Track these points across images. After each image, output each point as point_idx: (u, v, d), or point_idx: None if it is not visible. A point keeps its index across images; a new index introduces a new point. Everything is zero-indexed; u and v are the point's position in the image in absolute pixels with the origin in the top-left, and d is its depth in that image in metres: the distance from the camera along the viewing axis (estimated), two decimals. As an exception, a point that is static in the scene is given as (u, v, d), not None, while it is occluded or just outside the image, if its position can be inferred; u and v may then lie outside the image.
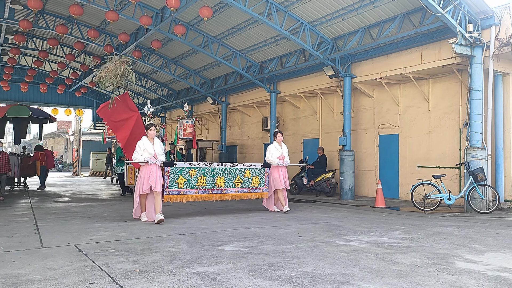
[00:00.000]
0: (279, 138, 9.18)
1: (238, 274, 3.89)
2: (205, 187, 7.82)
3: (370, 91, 13.70)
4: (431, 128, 12.02)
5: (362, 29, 11.94)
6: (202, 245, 5.24)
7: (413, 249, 5.09)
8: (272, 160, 9.03)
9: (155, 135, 7.54)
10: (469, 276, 3.88)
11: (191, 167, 7.67)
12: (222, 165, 8.13)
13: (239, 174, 8.36)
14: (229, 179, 8.19)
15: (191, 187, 7.66)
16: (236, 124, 21.00)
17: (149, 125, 7.51)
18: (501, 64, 10.06)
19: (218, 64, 17.46)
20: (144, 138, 7.41)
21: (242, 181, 8.41)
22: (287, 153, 9.27)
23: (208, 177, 7.85)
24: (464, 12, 9.52)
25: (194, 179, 7.69)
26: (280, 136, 9.20)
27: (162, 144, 7.66)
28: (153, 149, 7.30)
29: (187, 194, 7.63)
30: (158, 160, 7.28)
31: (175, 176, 7.50)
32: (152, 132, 7.44)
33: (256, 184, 8.68)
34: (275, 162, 9.00)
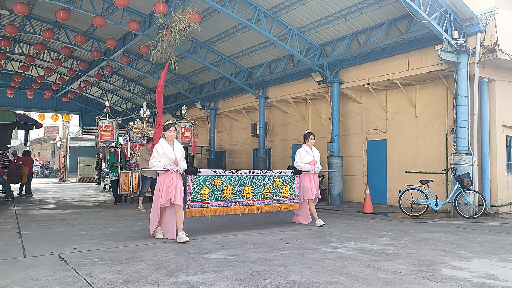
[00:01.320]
0: (311, 141, 8.09)
1: (223, 284, 3.84)
2: (231, 199, 6.81)
3: (358, 97, 13.78)
4: (418, 134, 12.12)
5: (349, 36, 12.02)
6: (188, 253, 5.18)
7: (400, 256, 5.09)
8: (302, 166, 7.90)
9: (175, 137, 6.33)
10: (455, 284, 3.88)
11: (217, 175, 6.62)
12: (250, 172, 7.09)
13: (268, 183, 7.30)
14: (257, 188, 7.13)
15: (215, 198, 6.63)
16: (225, 130, 20.96)
17: (168, 125, 6.24)
18: (486, 71, 10.19)
19: (207, 70, 17.44)
20: (162, 141, 6.19)
21: (272, 190, 7.35)
22: (319, 158, 8.19)
23: (234, 186, 6.82)
24: (450, 19, 9.64)
25: (219, 190, 6.65)
26: (312, 138, 8.11)
27: (183, 148, 6.51)
28: (173, 154, 6.11)
29: (211, 207, 6.59)
30: (179, 167, 6.11)
31: (198, 186, 6.45)
32: (172, 133, 6.21)
33: (286, 194, 7.60)
34: (306, 168, 7.88)
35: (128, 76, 21.23)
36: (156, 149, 6.11)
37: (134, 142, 12.69)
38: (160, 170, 6.06)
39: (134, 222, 8.06)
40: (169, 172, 6.01)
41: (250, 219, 8.64)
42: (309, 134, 8.14)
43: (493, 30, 9.61)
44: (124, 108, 26.32)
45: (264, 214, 7.97)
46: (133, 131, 12.68)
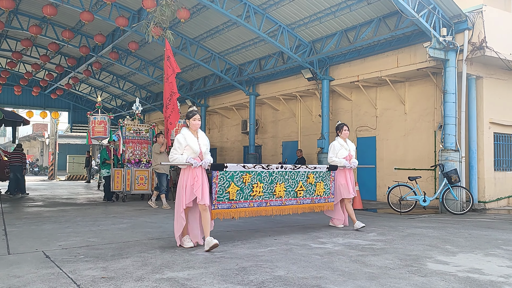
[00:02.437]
0: (345, 132, 7.21)
1: (209, 279, 3.82)
2: (261, 198, 5.98)
3: (348, 94, 13.82)
4: (407, 131, 12.18)
5: (339, 32, 12.03)
6: (175, 250, 5.14)
7: (387, 251, 5.11)
8: (338, 161, 7.03)
9: (199, 126, 5.47)
10: (440, 278, 3.90)
11: (245, 170, 5.78)
12: (282, 167, 6.30)
13: (301, 179, 6.48)
14: (289, 186, 6.33)
15: (244, 198, 5.80)
16: (216, 127, 20.90)
17: (192, 113, 5.39)
18: (474, 68, 10.27)
19: (197, 67, 17.35)
20: (185, 131, 5.33)
21: (305, 188, 6.54)
22: (354, 152, 7.35)
23: (265, 184, 5.99)
24: (438, 16, 9.69)
25: (249, 187, 5.82)
26: (347, 130, 7.24)
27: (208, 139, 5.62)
28: (198, 145, 5.27)
29: (240, 208, 5.74)
30: (204, 161, 5.27)
31: (225, 184, 5.57)
32: (197, 122, 5.36)
33: (320, 193, 6.77)
34: (342, 163, 7.01)
35: (118, 73, 21.05)
36: (178, 140, 5.25)
37: (126, 138, 12.54)
38: (182, 165, 5.24)
39: (122, 219, 8.00)
40: (193, 167, 5.18)
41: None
42: (342, 125, 7.27)
43: (480, 28, 9.68)
44: (114, 105, 26.10)
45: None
46: (125, 127, 12.56)
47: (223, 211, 5.60)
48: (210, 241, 5.03)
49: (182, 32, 14.58)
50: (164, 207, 10.01)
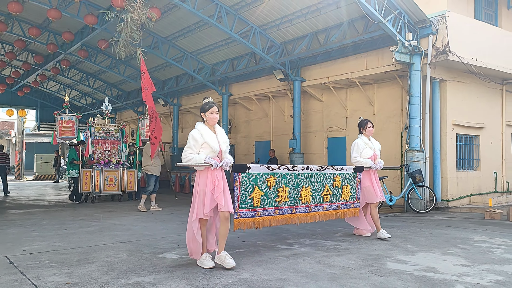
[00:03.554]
0: (370, 129, 6.48)
1: (174, 283, 3.87)
2: (287, 204, 5.32)
3: (319, 95, 14.05)
4: (375, 131, 12.29)
5: (310, 35, 12.22)
6: (143, 254, 5.16)
7: (350, 251, 5.28)
8: (363, 161, 6.36)
9: (217, 120, 4.70)
10: (397, 277, 4.09)
11: (270, 172, 5.10)
12: (307, 168, 5.65)
13: (328, 182, 5.90)
14: (315, 190, 5.73)
15: (269, 204, 5.11)
16: (189, 126, 20.77)
17: (209, 105, 4.64)
18: (438, 71, 10.65)
19: (169, 66, 17.21)
20: (201, 126, 4.60)
21: (332, 192, 5.95)
22: (379, 151, 6.65)
23: (290, 188, 5.36)
24: (404, 21, 9.99)
25: (273, 192, 5.14)
26: (371, 127, 6.51)
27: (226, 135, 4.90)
28: (217, 143, 4.56)
29: (264, 216, 5.05)
30: (225, 162, 4.54)
31: (248, 188, 4.86)
32: (215, 115, 4.61)
33: (347, 197, 6.18)
34: (368, 164, 6.36)
35: (87, 71, 20.62)
36: (194, 136, 4.51)
37: (95, 138, 12.33)
38: (199, 166, 4.47)
39: (90, 222, 7.90)
40: (212, 168, 4.44)
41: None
42: (366, 122, 6.50)
43: (444, 33, 10.04)
44: (84, 103, 25.56)
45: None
46: (94, 127, 12.35)
47: (246, 220, 4.88)
48: (226, 260, 4.37)
49: (154, 31, 14.42)
50: (152, 208, 9.82)
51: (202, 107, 4.68)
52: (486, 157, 12.07)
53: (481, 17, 12.09)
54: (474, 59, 10.56)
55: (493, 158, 12.29)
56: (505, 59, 11.54)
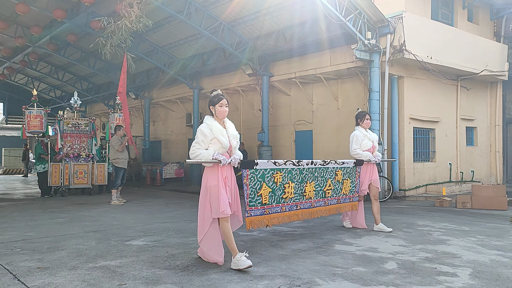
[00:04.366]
0: (367, 121, 6.37)
1: (138, 266, 4.24)
2: (292, 200, 5.18)
3: (287, 90, 14.52)
4: (340, 125, 13.08)
5: (277, 31, 12.63)
6: (110, 241, 5.49)
7: (304, 236, 5.77)
8: (363, 154, 6.23)
9: (227, 114, 4.44)
10: (340, 256, 4.59)
11: (276, 168, 4.95)
12: (312, 163, 5.51)
13: (330, 177, 5.80)
14: (318, 185, 5.62)
15: (276, 201, 4.96)
16: (160, 119, 20.94)
17: (218, 97, 4.38)
18: (395, 69, 11.27)
19: (140, 59, 17.26)
20: (210, 120, 4.35)
21: (333, 187, 5.87)
22: (377, 143, 6.58)
23: (296, 183, 5.23)
24: (364, 21, 10.53)
25: (280, 188, 4.99)
26: (369, 119, 6.41)
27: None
28: (227, 138, 4.32)
29: (272, 214, 4.88)
30: (233, 158, 4.34)
31: (257, 185, 4.70)
32: (224, 108, 4.37)
33: (346, 191, 6.11)
34: (367, 157, 6.25)
35: (56, 63, 20.41)
36: (202, 131, 4.25)
37: (64, 132, 12.41)
38: (207, 163, 4.24)
39: (60, 214, 8.12)
40: (221, 165, 4.22)
41: (179, 208, 9.01)
42: (364, 114, 6.42)
43: (401, 32, 10.65)
44: (53, 96, 25.23)
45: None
46: (63, 121, 12.42)
47: (256, 219, 4.70)
48: (245, 261, 4.07)
49: (124, 25, 14.50)
50: (114, 202, 9.83)
51: (210, 99, 4.39)
52: (442, 149, 12.85)
53: (437, 17, 12.79)
54: (429, 57, 11.23)
55: (448, 150, 13.09)
56: (459, 56, 12.27)
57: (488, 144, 14.61)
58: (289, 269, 4.09)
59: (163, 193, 12.96)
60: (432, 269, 4.08)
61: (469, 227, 6.48)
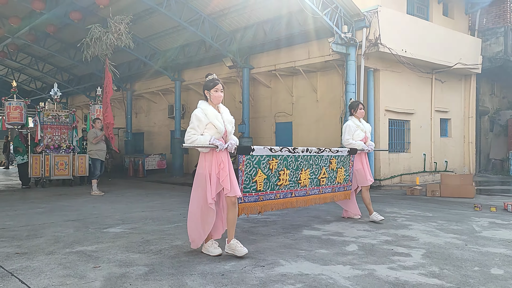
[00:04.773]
0: (361, 111, 6.36)
1: (113, 250, 4.45)
2: (287, 187, 5.14)
3: (267, 82, 14.73)
4: (319, 117, 13.38)
5: (256, 24, 12.81)
6: (88, 229, 5.67)
7: (276, 223, 6.04)
8: (356, 144, 6.25)
9: (222, 99, 4.38)
10: (306, 240, 4.88)
11: (272, 154, 4.88)
12: (307, 151, 5.45)
13: (324, 165, 5.74)
14: (313, 173, 5.57)
15: (271, 188, 4.91)
16: (143, 111, 20.95)
17: (213, 82, 4.30)
18: (371, 62, 11.58)
19: (121, 51, 17.24)
20: (205, 105, 4.29)
21: (328, 175, 5.82)
22: (370, 133, 6.57)
23: (291, 170, 5.17)
24: (341, 15, 10.78)
25: (275, 175, 4.94)
26: (362, 108, 6.39)
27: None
28: (223, 123, 4.26)
29: (266, 201, 4.86)
30: (230, 143, 4.28)
31: (252, 171, 4.64)
32: (219, 93, 4.31)
33: (341, 180, 6.08)
34: (360, 146, 6.27)
35: (36, 54, 20.19)
36: (197, 116, 4.18)
37: (44, 124, 12.42)
38: (203, 148, 4.17)
39: (40, 204, 8.24)
40: (217, 150, 4.16)
41: (158, 198, 9.19)
42: (357, 104, 6.41)
43: (376, 26, 10.94)
44: (33, 88, 24.94)
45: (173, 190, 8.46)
46: (43, 113, 12.43)
47: (250, 205, 4.67)
48: (237, 248, 4.16)
49: (103, 17, 14.48)
50: (95, 193, 9.94)
51: (205, 84, 4.33)
52: (416, 140, 13.27)
53: (413, 11, 13.12)
54: (404, 51, 11.56)
55: (422, 141, 13.52)
56: (434, 50, 12.65)
57: (461, 135, 15.10)
58: (256, 251, 4.35)
59: (144, 184, 13.11)
60: (389, 250, 4.39)
61: (433, 213, 6.84)
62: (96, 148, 10.20)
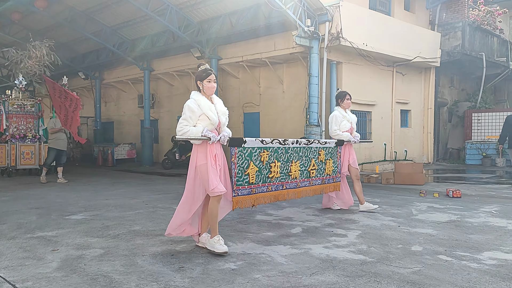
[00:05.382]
0: (347, 102, 6.32)
1: (73, 235, 4.72)
2: (278, 180, 5.07)
3: (235, 73, 14.99)
4: (284, 107, 13.78)
5: (223, 16, 13.01)
6: (51, 216, 5.89)
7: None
8: (343, 135, 6.26)
9: (215, 89, 4.29)
10: (257, 225, 5.27)
11: (263, 146, 4.80)
12: (297, 142, 5.43)
13: (313, 157, 5.72)
14: (303, 165, 5.52)
15: (263, 180, 4.82)
16: (112, 100, 20.86)
17: (206, 72, 4.20)
18: (334, 55, 12.02)
19: (89, 39, 17.12)
20: (197, 96, 4.18)
21: (317, 167, 5.79)
22: (355, 124, 6.55)
23: (282, 163, 5.11)
24: (304, 8, 11.13)
25: (267, 167, 4.86)
26: (349, 99, 6.35)
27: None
28: (216, 114, 4.18)
29: (259, 193, 4.77)
30: (222, 135, 4.17)
31: (244, 164, 4.55)
32: (212, 84, 4.22)
33: (329, 172, 6.05)
34: (347, 137, 6.28)
35: (1, 41, 19.69)
36: (190, 107, 4.07)
37: (10, 113, 12.29)
38: (196, 140, 4.05)
39: (5, 193, 8.32)
40: (210, 142, 4.04)
41: (124, 186, 9.41)
42: (344, 94, 6.33)
43: (338, 20, 11.35)
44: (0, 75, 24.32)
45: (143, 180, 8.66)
46: (8, 102, 12.32)
47: (243, 198, 4.58)
48: (221, 247, 3.98)
49: (70, 4, 14.37)
50: (41, 179, 10.20)
51: (198, 74, 4.21)
52: (377, 130, 13.88)
53: (375, 6, 13.61)
54: (365, 44, 12.04)
55: (383, 131, 14.14)
56: (395, 44, 13.19)
57: (421, 126, 15.84)
58: (208, 235, 4.71)
59: (112, 173, 13.24)
60: (329, 232, 4.83)
61: (380, 199, 7.36)
62: (53, 138, 10.34)
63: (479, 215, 5.83)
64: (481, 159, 15.11)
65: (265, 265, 3.61)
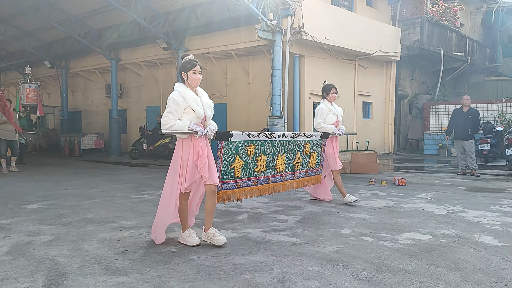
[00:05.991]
0: (333, 95, 6.27)
1: (27, 223, 4.91)
2: (264, 173, 5.05)
3: (203, 64, 15.11)
4: (250, 99, 14.07)
5: (189, 8, 13.12)
6: (8, 205, 6.02)
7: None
8: (328, 127, 6.23)
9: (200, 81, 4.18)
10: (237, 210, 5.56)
11: (250, 140, 4.75)
12: (283, 136, 5.39)
13: (299, 150, 5.70)
14: (289, 158, 5.52)
15: (248, 174, 4.81)
16: (80, 89, 20.65)
17: (191, 63, 4.12)
18: (296, 48, 12.36)
19: (54, 27, 16.87)
20: (182, 88, 4.10)
21: (302, 160, 5.80)
22: (341, 117, 6.51)
23: (268, 156, 5.07)
24: (267, 2, 11.38)
25: (253, 161, 4.83)
26: (335, 92, 6.31)
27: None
28: (202, 107, 4.07)
29: (244, 188, 4.76)
30: (209, 129, 4.09)
31: (230, 157, 4.51)
32: (197, 76, 4.13)
33: (313, 164, 6.09)
34: (332, 130, 6.24)
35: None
36: (175, 100, 3.97)
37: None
38: (181, 134, 3.97)
39: (-37, 184, 8.35)
40: (197, 136, 3.96)
41: (87, 176, 9.52)
42: (330, 87, 6.29)
43: (300, 15, 11.67)
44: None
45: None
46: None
47: (228, 192, 4.55)
48: (217, 237, 4.00)
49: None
50: (12, 169, 10.44)
51: (182, 65, 4.12)
52: (339, 122, 14.34)
53: (338, 2, 14.00)
54: (326, 39, 12.42)
55: (346, 122, 14.42)
56: (356, 39, 13.63)
57: (382, 117, 16.45)
58: (157, 221, 4.98)
59: (78, 164, 13.26)
60: (272, 218, 5.19)
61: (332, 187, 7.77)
62: (1, 129, 10.44)
63: (414, 201, 6.32)
64: (437, 149, 15.88)
65: (203, 248, 3.93)
